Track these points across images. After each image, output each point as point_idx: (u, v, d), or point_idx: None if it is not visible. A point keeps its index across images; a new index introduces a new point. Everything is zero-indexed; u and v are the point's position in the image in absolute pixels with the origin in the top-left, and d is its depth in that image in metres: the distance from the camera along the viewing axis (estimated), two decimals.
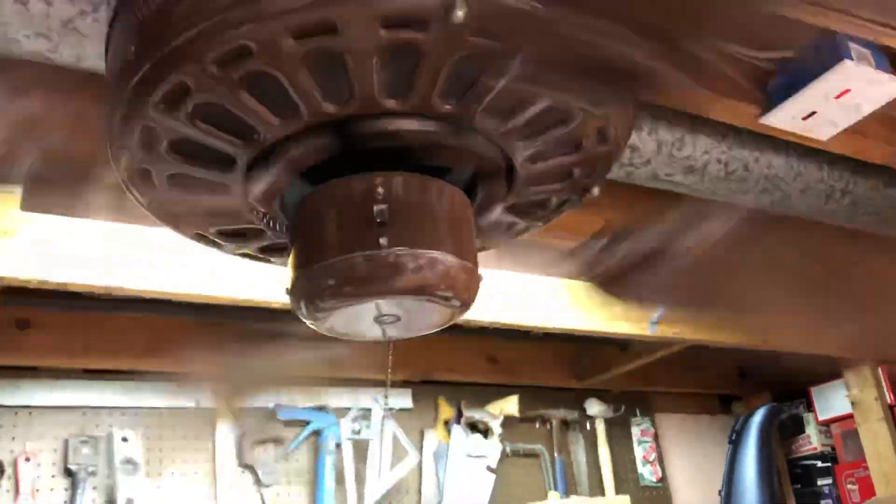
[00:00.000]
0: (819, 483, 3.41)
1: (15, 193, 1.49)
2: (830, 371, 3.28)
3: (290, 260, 0.63)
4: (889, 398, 3.15)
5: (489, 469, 2.80)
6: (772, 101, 1.38)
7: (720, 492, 3.32)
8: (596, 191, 0.70)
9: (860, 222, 1.93)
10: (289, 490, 2.55)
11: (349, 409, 2.67)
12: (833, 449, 3.40)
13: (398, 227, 0.57)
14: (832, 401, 3.36)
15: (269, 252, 0.71)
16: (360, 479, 2.58)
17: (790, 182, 1.77)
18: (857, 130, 1.48)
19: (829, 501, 3.36)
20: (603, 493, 3.04)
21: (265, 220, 0.66)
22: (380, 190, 0.57)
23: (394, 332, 0.68)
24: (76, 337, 2.31)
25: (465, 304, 0.63)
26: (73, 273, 1.70)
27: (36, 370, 2.31)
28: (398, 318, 0.64)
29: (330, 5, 0.50)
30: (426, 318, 0.66)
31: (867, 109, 1.39)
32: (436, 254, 0.58)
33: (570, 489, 2.99)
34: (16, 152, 1.33)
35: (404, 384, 2.84)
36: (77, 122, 1.23)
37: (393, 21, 0.52)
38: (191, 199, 0.68)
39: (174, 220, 0.71)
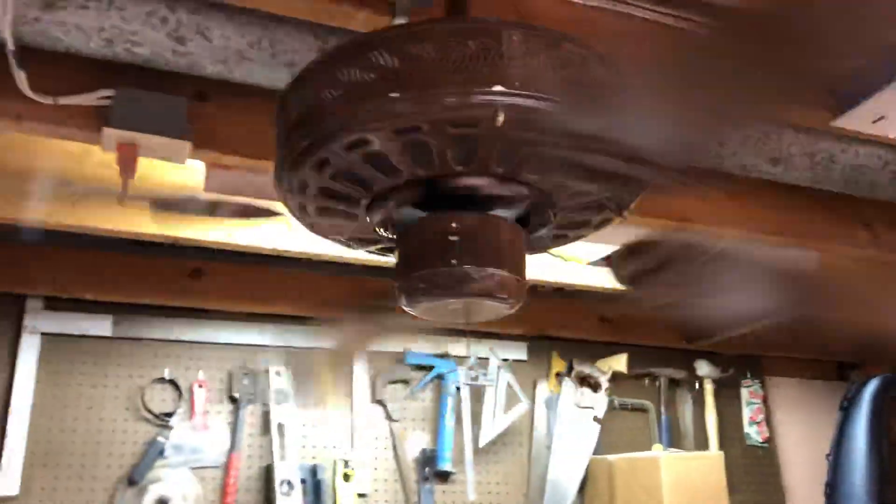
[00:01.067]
0: None
1: None
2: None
3: (396, 266, 0.91)
4: None
5: (596, 419, 3.03)
6: (843, 105, 1.51)
7: (828, 456, 3.42)
8: (628, 212, 0.91)
9: None
10: (413, 425, 2.90)
11: (467, 357, 2.98)
12: None
13: (466, 251, 0.83)
14: None
15: (385, 251, 0.98)
16: (476, 421, 2.89)
17: (879, 170, 1.88)
18: None
19: None
20: (706, 449, 3.21)
21: (382, 235, 0.94)
22: (454, 226, 0.83)
23: (461, 319, 0.95)
24: (240, 286, 2.72)
25: (515, 303, 0.89)
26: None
27: (207, 312, 2.74)
28: (467, 310, 0.91)
29: (419, 115, 0.76)
30: (486, 311, 0.93)
31: None
32: (492, 269, 0.84)
33: (674, 444, 3.18)
34: None
35: (520, 338, 3.11)
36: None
37: (459, 123, 0.76)
38: (333, 222, 0.97)
39: (323, 232, 1.01)
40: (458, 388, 2.93)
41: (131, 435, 2.56)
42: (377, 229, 0.93)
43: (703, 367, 3.35)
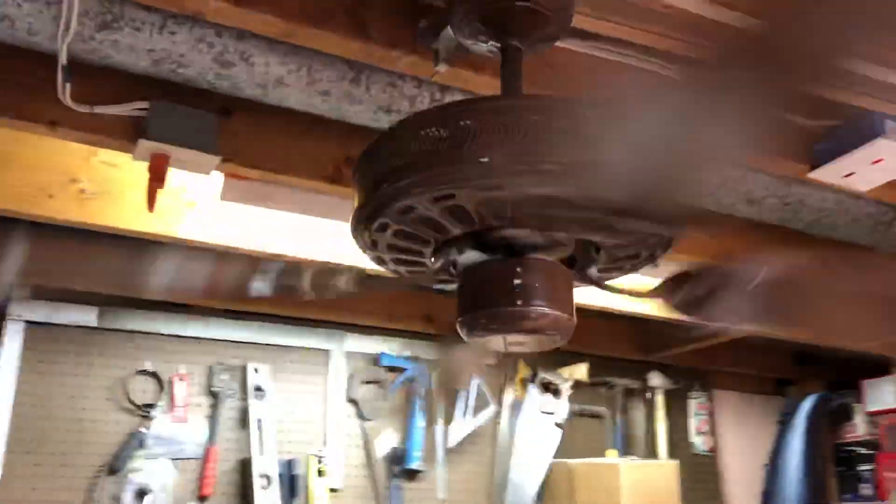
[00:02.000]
0: (860, 468, 3.69)
1: None
2: (882, 367, 3.52)
3: (458, 302, 1.04)
4: None
5: (557, 425, 3.20)
6: (818, 160, 1.69)
7: (765, 466, 3.66)
8: (664, 254, 1.04)
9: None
10: (385, 425, 3.01)
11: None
12: (877, 438, 3.66)
13: (525, 293, 0.96)
14: (881, 394, 3.60)
15: (446, 284, 1.11)
16: (447, 422, 3.03)
17: (841, 213, 2.07)
18: (891, 183, 1.78)
19: (868, 485, 3.65)
20: (656, 457, 3.41)
21: (446, 275, 1.07)
22: (518, 270, 0.96)
23: (516, 350, 1.07)
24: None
25: (563, 338, 1.02)
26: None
27: (189, 307, 2.80)
28: (519, 342, 1.04)
29: (454, 189, 0.90)
30: (536, 344, 1.06)
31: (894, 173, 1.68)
32: (546, 309, 0.97)
33: (627, 450, 3.37)
34: None
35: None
36: None
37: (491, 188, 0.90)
38: (403, 267, 1.10)
39: (395, 271, 1.13)
40: (428, 391, 3.05)
41: (113, 425, 2.62)
42: (440, 271, 1.05)
43: (655, 379, 3.55)
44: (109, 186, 2.08)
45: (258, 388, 2.82)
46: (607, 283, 1.10)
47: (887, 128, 1.59)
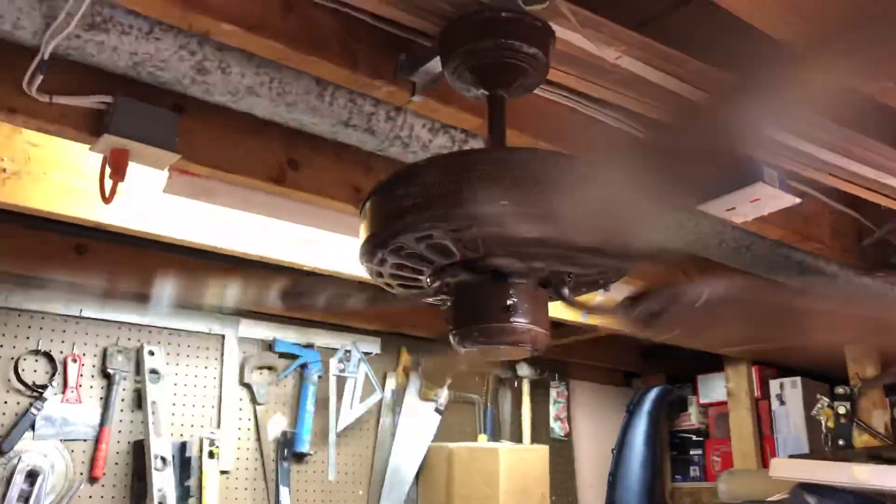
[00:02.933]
0: (691, 452, 4.18)
1: None
2: (715, 364, 4.01)
3: (453, 317, 1.20)
4: (756, 392, 3.90)
5: (437, 411, 3.42)
6: (706, 195, 1.99)
7: (613, 450, 4.07)
8: (617, 281, 1.26)
9: (756, 269, 2.60)
10: (276, 409, 3.11)
11: (332, 348, 3.23)
12: (707, 427, 4.16)
13: (512, 312, 1.15)
14: (712, 388, 4.09)
15: (441, 301, 1.27)
16: (336, 407, 3.17)
17: (712, 237, 2.41)
18: (761, 217, 2.11)
19: (697, 468, 4.14)
20: (521, 441, 3.71)
21: (441, 294, 1.23)
22: (505, 292, 1.15)
23: (497, 357, 1.26)
24: (120, 265, 2.77)
25: (539, 350, 1.21)
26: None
27: (86, 287, 2.76)
28: (500, 352, 1.22)
29: (431, 231, 1.09)
30: (514, 353, 1.25)
31: (768, 210, 2.02)
32: (530, 326, 1.16)
33: (495, 434, 3.65)
34: None
35: (375, 333, 3.42)
36: None
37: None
38: (405, 290, 1.25)
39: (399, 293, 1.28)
40: (319, 377, 3.17)
41: (1, 406, 2.56)
42: (437, 292, 1.22)
43: (523, 369, 3.85)
44: (32, 167, 2.07)
45: (153, 371, 2.83)
46: (575, 299, 1.31)
47: (765, 174, 1.91)
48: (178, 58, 1.52)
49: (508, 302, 1.15)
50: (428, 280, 1.24)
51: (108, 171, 1.71)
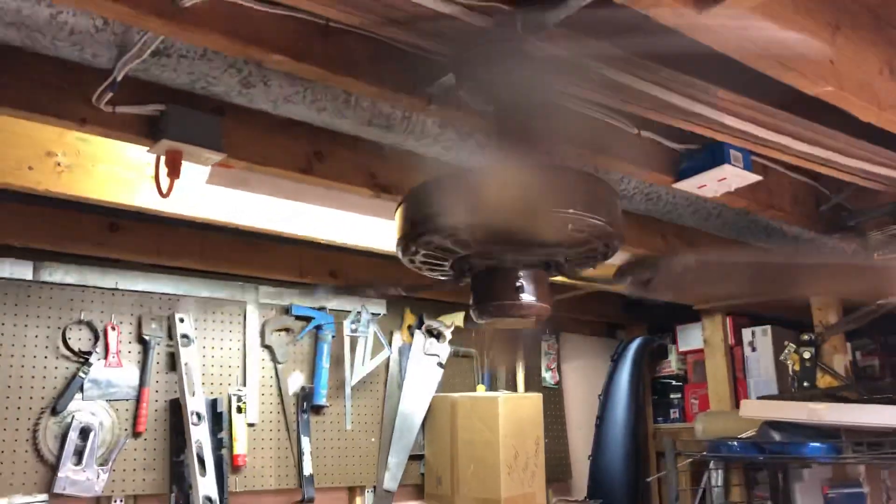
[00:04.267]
0: (671, 396, 4.55)
1: None
2: (692, 315, 4.34)
3: (473, 294, 1.49)
4: (731, 340, 4.25)
5: (439, 365, 3.73)
6: (681, 175, 2.28)
7: (599, 396, 4.42)
8: (613, 255, 1.55)
9: (725, 232, 2.90)
10: (295, 367, 3.42)
11: (344, 310, 3.53)
12: (685, 373, 4.51)
13: (524, 289, 1.43)
14: (690, 337, 4.43)
15: (459, 281, 1.56)
16: (350, 364, 3.48)
17: (686, 206, 2.70)
18: (726, 193, 2.41)
19: (677, 410, 4.51)
20: (516, 390, 4.05)
21: (462, 277, 1.52)
22: (520, 273, 1.43)
23: (507, 326, 1.55)
24: (150, 241, 3.04)
25: (542, 320, 1.50)
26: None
27: (120, 262, 3.03)
28: (512, 322, 1.51)
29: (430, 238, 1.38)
30: (523, 323, 1.54)
31: (734, 187, 2.31)
32: (535, 301, 1.45)
33: (492, 384, 3.98)
34: None
35: (381, 295, 3.71)
36: None
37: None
38: (434, 273, 1.54)
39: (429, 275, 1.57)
40: (332, 337, 3.48)
41: (52, 371, 2.84)
42: (457, 276, 1.52)
43: None
44: (82, 160, 2.32)
45: (184, 336, 3.12)
46: (578, 272, 1.60)
47: (730, 156, 2.20)
48: (227, 74, 1.78)
49: (517, 283, 1.44)
50: (450, 267, 1.53)
51: (163, 169, 1.98)
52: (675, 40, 1.55)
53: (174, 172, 1.95)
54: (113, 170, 2.39)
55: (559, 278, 1.64)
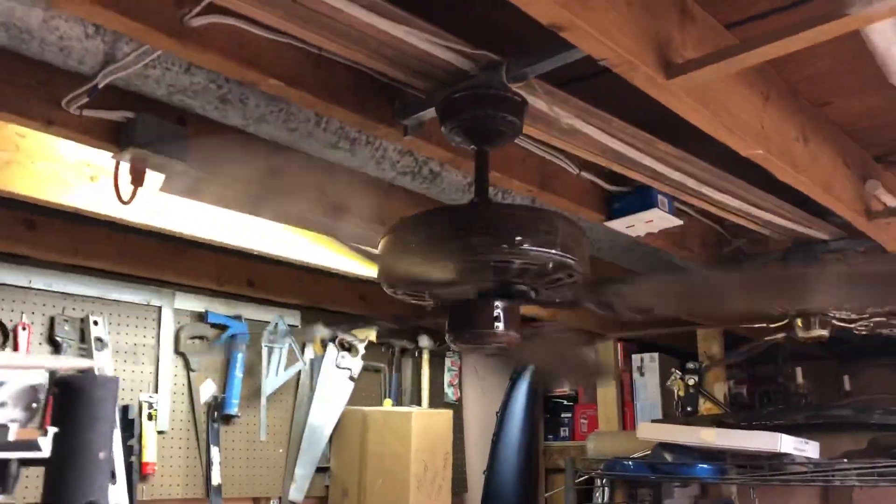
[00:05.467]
0: (562, 415, 4.78)
1: None
2: (588, 340, 4.58)
3: (449, 323, 1.59)
4: (620, 365, 4.53)
5: (351, 378, 3.79)
6: (612, 215, 2.46)
7: (497, 413, 4.59)
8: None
9: (637, 266, 3.13)
10: (207, 375, 3.38)
11: (258, 320, 3.53)
12: (577, 393, 4.76)
13: (497, 320, 1.55)
14: None
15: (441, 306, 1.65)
16: (265, 374, 3.48)
17: (605, 241, 2.90)
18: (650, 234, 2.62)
19: (566, 429, 4.75)
20: (420, 404, 4.15)
21: (439, 306, 1.62)
22: (497, 304, 1.55)
23: (476, 350, 1.66)
24: (67, 240, 2.95)
25: (512, 346, 1.62)
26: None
27: (35, 261, 2.93)
28: (483, 348, 1.63)
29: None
30: (494, 349, 1.65)
31: (658, 229, 2.52)
32: (509, 331, 1.56)
33: (398, 399, 4.07)
34: None
35: (296, 307, 3.73)
36: None
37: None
38: (414, 301, 1.64)
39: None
40: (246, 346, 3.47)
41: None
42: (435, 306, 1.62)
43: (424, 340, 4.27)
44: (20, 156, 2.26)
45: (98, 339, 3.04)
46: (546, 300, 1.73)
47: (658, 201, 2.40)
48: (207, 90, 1.80)
49: (492, 313, 1.56)
50: (429, 297, 1.63)
51: (125, 177, 1.97)
52: (636, 101, 1.73)
53: (138, 181, 1.95)
54: (51, 168, 2.33)
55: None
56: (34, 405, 1.85)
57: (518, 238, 1.50)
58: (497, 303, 1.59)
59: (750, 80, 1.93)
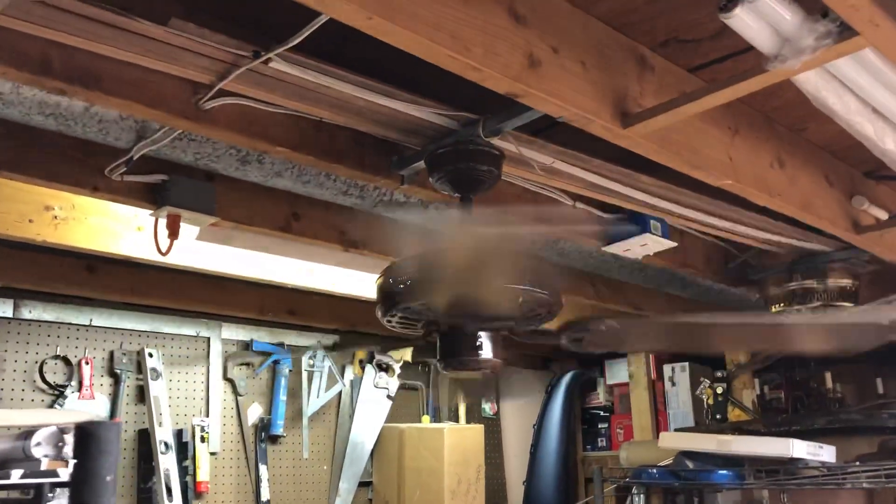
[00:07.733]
0: (599, 426, 4.93)
1: None
2: (620, 352, 4.73)
3: (440, 350, 1.81)
4: (653, 375, 4.66)
5: (388, 397, 4.03)
6: (609, 240, 2.65)
7: (534, 425, 4.77)
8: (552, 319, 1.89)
9: (648, 284, 3.29)
10: (254, 399, 3.66)
11: (300, 346, 3.80)
12: (612, 404, 4.90)
13: (483, 348, 1.76)
14: (617, 372, 4.82)
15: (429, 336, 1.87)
16: (307, 397, 3.75)
17: (614, 262, 3.08)
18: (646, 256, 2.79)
19: (604, 439, 4.89)
20: (458, 421, 4.36)
21: (429, 335, 1.84)
22: (480, 335, 1.75)
23: (464, 376, 1.88)
24: (123, 281, 3.26)
25: (496, 372, 1.82)
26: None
27: (94, 301, 3.25)
28: (471, 372, 1.84)
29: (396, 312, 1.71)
30: (479, 374, 1.86)
31: (653, 252, 2.69)
32: (491, 357, 1.77)
33: (436, 416, 4.29)
34: None
35: (334, 331, 3.99)
36: None
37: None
38: (404, 330, 1.85)
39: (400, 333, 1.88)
40: (289, 371, 3.74)
41: (29, 403, 3.04)
42: (425, 335, 1.84)
43: None
44: (76, 213, 2.56)
45: (153, 370, 3.34)
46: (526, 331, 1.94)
47: (651, 226, 2.58)
48: (228, 154, 2.07)
49: (477, 342, 1.78)
50: (420, 327, 1.85)
51: (162, 231, 2.24)
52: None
53: (174, 234, 2.22)
54: (102, 222, 2.63)
55: None
56: (60, 444, 2.44)
57: None
58: (480, 333, 1.80)
59: (716, 117, 2.10)
